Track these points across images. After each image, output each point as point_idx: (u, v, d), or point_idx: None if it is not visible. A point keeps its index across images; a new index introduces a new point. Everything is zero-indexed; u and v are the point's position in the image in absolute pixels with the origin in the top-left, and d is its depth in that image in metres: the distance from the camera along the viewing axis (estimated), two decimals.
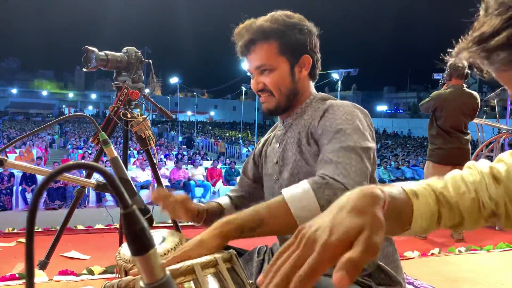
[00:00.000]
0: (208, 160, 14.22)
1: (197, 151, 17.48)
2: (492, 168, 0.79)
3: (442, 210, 0.75)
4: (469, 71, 4.10)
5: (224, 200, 1.46)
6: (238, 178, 1.60)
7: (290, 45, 1.26)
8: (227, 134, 34.58)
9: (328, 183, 1.01)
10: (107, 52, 2.42)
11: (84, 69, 2.41)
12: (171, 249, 0.94)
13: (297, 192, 1.00)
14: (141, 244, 0.42)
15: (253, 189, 1.49)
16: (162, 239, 0.98)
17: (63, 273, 2.75)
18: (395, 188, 0.72)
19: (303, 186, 1.01)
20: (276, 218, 0.98)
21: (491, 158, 5.24)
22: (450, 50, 0.59)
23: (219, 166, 11.55)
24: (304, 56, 1.29)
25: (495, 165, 0.79)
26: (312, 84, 1.36)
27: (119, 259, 0.95)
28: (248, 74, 1.36)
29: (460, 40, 0.57)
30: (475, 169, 0.80)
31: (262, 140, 1.50)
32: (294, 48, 1.27)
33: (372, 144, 1.15)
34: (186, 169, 10.64)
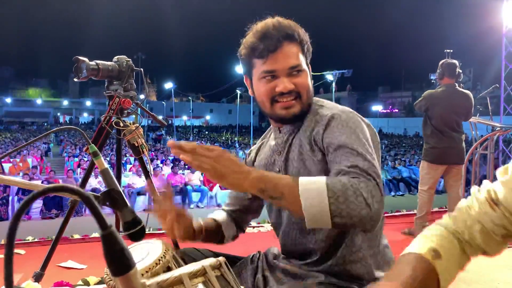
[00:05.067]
0: None
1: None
2: (489, 192, 0.78)
3: (467, 249, 0.76)
4: (460, 71, 4.12)
5: (219, 216, 1.43)
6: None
7: (306, 50, 1.26)
8: (223, 138, 34.55)
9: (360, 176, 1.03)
10: (98, 61, 2.41)
11: (75, 79, 2.40)
12: (155, 263, 0.92)
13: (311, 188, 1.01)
14: (120, 265, 0.43)
15: (249, 201, 1.44)
16: (147, 254, 0.97)
17: (58, 284, 2.74)
18: (408, 259, 0.73)
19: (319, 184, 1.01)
20: (291, 202, 1.02)
21: (485, 156, 5.25)
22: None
23: None
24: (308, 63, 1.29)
25: (492, 188, 0.79)
26: None
27: (106, 275, 0.94)
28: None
29: None
30: (474, 197, 0.81)
31: (254, 150, 1.46)
32: (307, 53, 1.27)
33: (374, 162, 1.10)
34: (183, 174, 10.61)
